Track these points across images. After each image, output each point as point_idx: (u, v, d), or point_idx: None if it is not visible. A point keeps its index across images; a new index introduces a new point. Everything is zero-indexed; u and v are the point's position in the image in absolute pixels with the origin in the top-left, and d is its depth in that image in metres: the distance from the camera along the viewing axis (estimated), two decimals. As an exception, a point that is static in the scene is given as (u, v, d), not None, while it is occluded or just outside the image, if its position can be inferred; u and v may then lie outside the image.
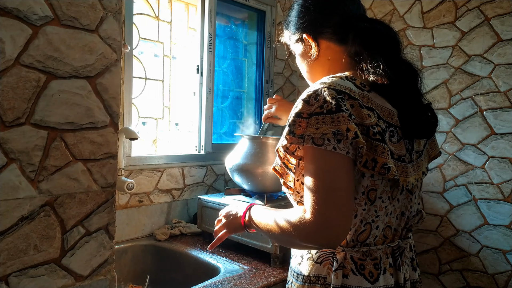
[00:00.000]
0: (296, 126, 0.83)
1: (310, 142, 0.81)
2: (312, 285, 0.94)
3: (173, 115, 1.91)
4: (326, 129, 0.80)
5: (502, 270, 1.73)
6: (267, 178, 1.47)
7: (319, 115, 0.81)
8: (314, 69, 1.03)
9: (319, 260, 0.93)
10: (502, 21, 1.70)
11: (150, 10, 1.78)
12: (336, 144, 0.80)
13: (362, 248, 0.91)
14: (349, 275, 0.90)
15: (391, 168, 0.83)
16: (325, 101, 0.82)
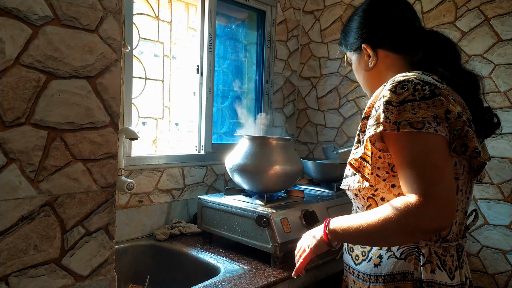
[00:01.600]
0: (389, 113, 0.84)
1: (408, 127, 0.82)
2: (398, 283, 0.92)
3: (173, 115, 1.91)
4: (425, 113, 0.82)
5: (502, 270, 1.73)
6: (267, 178, 1.47)
7: (413, 101, 0.84)
8: (371, 77, 1.08)
9: (403, 256, 0.93)
10: (502, 21, 1.70)
11: (150, 10, 1.78)
12: (437, 127, 0.82)
13: (443, 243, 0.92)
14: (435, 270, 0.90)
15: (481, 153, 0.85)
16: (415, 89, 0.85)
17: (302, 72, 2.45)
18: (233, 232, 1.47)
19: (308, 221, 1.42)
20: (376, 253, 0.97)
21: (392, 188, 0.93)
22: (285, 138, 1.56)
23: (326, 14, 2.32)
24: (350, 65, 1.16)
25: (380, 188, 0.95)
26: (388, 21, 1.04)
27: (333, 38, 2.29)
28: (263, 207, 1.41)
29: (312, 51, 2.39)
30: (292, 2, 2.37)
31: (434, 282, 0.90)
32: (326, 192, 1.77)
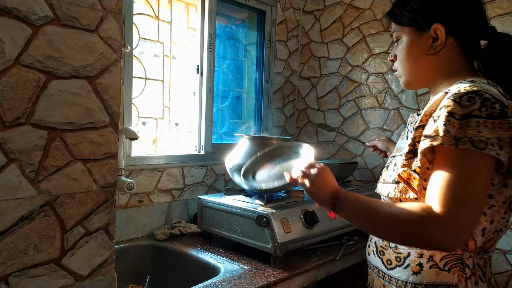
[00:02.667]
0: (450, 126, 0.78)
1: (468, 144, 0.76)
2: None
3: (173, 115, 1.91)
4: (489, 134, 0.76)
5: (502, 270, 1.73)
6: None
7: (479, 118, 0.77)
8: (424, 63, 0.95)
9: (447, 268, 0.90)
10: (502, 21, 1.70)
11: (150, 10, 1.78)
12: (499, 150, 0.77)
13: (484, 255, 0.91)
14: (478, 283, 0.89)
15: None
16: (483, 104, 0.78)
17: (302, 72, 2.45)
18: (233, 232, 1.47)
19: (308, 221, 1.42)
20: (415, 260, 0.93)
21: None
22: (285, 138, 1.56)
23: (326, 14, 2.32)
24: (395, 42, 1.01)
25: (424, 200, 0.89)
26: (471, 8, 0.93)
27: (333, 38, 2.29)
28: (263, 207, 1.41)
29: (312, 51, 2.39)
30: (292, 2, 2.37)
31: None
32: (326, 192, 1.77)
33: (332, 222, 1.54)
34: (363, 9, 2.16)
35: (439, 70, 0.95)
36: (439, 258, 0.91)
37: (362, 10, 2.16)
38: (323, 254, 1.49)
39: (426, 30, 0.93)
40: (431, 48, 0.93)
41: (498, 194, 0.85)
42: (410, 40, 0.95)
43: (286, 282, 1.31)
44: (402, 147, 0.99)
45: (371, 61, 2.14)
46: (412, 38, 0.95)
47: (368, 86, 2.15)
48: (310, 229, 1.43)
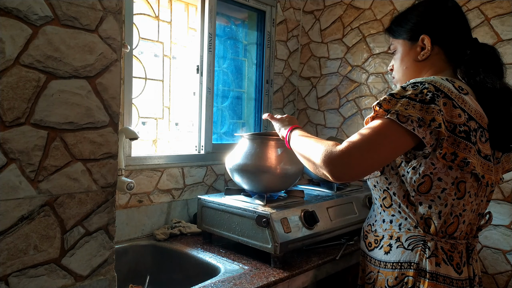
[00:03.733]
0: (386, 102, 0.93)
1: (394, 116, 0.90)
2: (404, 270, 1.02)
3: (173, 115, 1.91)
4: (413, 113, 0.90)
5: (502, 270, 1.73)
6: (267, 178, 1.47)
7: (411, 100, 0.92)
8: (415, 68, 1.11)
9: (410, 247, 1.02)
10: (502, 21, 1.70)
11: (150, 10, 1.78)
12: (416, 127, 0.90)
13: (450, 240, 1.01)
14: (440, 264, 0.99)
15: (470, 163, 0.93)
16: (421, 92, 0.93)
17: (302, 72, 2.45)
18: (233, 232, 1.47)
19: (308, 221, 1.42)
20: (387, 242, 1.07)
21: (402, 184, 1.03)
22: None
23: (326, 14, 2.32)
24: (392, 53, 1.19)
25: (393, 182, 1.05)
26: (454, 22, 1.08)
27: (333, 38, 2.29)
28: (263, 207, 1.41)
29: (312, 51, 2.39)
30: (292, 2, 2.37)
31: (439, 274, 0.98)
32: (326, 192, 1.77)
33: (332, 222, 1.54)
34: (363, 9, 2.16)
35: (425, 73, 1.09)
36: (405, 239, 1.03)
37: (362, 10, 2.16)
38: (323, 254, 1.49)
39: (416, 40, 1.09)
40: (419, 56, 1.09)
41: (446, 176, 0.96)
42: (404, 50, 1.12)
43: (286, 282, 1.31)
44: None
45: (371, 61, 2.14)
46: (405, 49, 1.12)
47: (368, 86, 2.15)
48: (310, 229, 1.43)
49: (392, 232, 1.06)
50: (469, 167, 0.93)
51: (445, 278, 0.98)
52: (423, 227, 1.02)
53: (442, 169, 0.96)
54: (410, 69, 1.12)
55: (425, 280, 0.98)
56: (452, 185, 0.97)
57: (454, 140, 0.93)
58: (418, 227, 1.02)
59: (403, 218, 1.05)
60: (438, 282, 0.98)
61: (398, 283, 1.02)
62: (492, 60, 1.06)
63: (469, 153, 0.94)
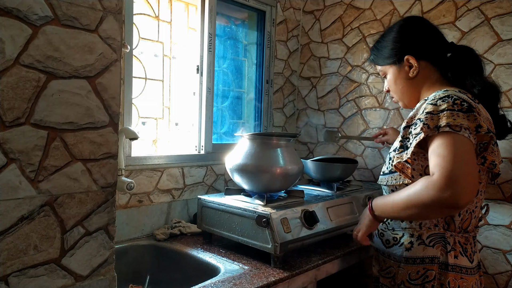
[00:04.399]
0: (428, 120, 1.01)
1: (447, 128, 0.97)
2: (426, 265, 1.12)
3: (173, 115, 1.91)
4: (462, 121, 0.97)
5: (502, 270, 1.73)
6: (267, 178, 1.47)
7: (452, 111, 0.99)
8: (411, 86, 1.21)
9: (431, 244, 1.12)
10: (502, 21, 1.70)
11: (150, 10, 1.78)
12: (469, 135, 0.98)
13: (465, 234, 1.12)
14: (458, 256, 1.10)
15: (496, 165, 1.03)
16: (454, 103, 1.01)
17: (302, 72, 2.45)
18: (233, 232, 1.47)
19: (308, 221, 1.42)
20: (408, 239, 1.16)
21: None
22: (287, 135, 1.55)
23: (326, 14, 2.32)
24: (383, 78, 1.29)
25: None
26: (428, 35, 1.19)
27: (333, 38, 2.29)
28: (263, 207, 1.41)
29: (312, 51, 2.39)
30: (292, 2, 2.37)
31: (457, 266, 1.10)
32: (326, 192, 1.77)
33: (332, 222, 1.54)
34: (363, 9, 2.16)
35: (422, 86, 1.20)
36: (426, 236, 1.13)
37: (362, 10, 2.16)
38: (323, 254, 1.49)
39: (402, 62, 1.20)
40: (410, 74, 1.19)
41: None
42: (393, 73, 1.23)
43: (286, 282, 1.31)
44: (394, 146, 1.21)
45: (371, 61, 2.13)
46: (394, 72, 1.23)
47: (368, 86, 2.15)
48: (310, 229, 1.43)
49: (413, 231, 1.16)
50: (496, 169, 1.04)
51: (462, 268, 1.10)
52: (443, 225, 1.12)
53: None
54: (407, 87, 1.22)
55: (447, 272, 1.09)
56: None
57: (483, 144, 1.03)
58: (438, 225, 1.12)
59: None
60: (459, 273, 1.10)
61: (420, 277, 1.12)
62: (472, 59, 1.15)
63: (495, 156, 1.04)
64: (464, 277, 1.10)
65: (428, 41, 1.19)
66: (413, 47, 1.18)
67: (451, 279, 1.09)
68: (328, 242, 1.58)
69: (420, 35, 1.20)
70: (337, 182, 1.83)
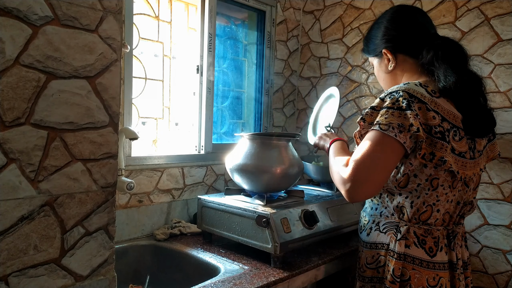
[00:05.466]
0: (368, 116, 1.07)
1: (376, 126, 1.02)
2: (377, 250, 1.18)
3: (173, 115, 1.91)
4: (393, 120, 1.01)
5: (502, 270, 1.73)
6: (267, 178, 1.47)
7: (390, 109, 1.03)
8: (390, 78, 1.25)
9: (384, 230, 1.17)
10: (502, 21, 1.70)
11: (150, 10, 1.78)
12: (398, 133, 1.00)
13: (424, 226, 1.12)
14: (410, 246, 1.11)
15: (446, 161, 1.03)
16: (397, 100, 1.04)
17: (302, 72, 2.45)
18: (233, 232, 1.47)
19: (308, 221, 1.42)
20: (369, 226, 1.23)
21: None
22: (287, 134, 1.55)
23: (326, 14, 2.32)
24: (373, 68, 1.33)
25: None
26: (406, 29, 1.20)
27: (333, 38, 2.29)
28: (263, 207, 1.41)
29: (312, 51, 2.39)
30: (292, 2, 2.37)
31: (407, 255, 1.11)
32: (326, 192, 1.77)
33: (332, 222, 1.54)
34: (363, 9, 2.16)
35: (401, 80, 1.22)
36: (382, 224, 1.18)
37: (362, 10, 2.16)
38: (323, 254, 1.49)
39: (381, 55, 1.24)
40: (389, 67, 1.23)
41: (421, 173, 1.07)
42: (376, 65, 1.29)
43: (286, 282, 1.31)
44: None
45: (371, 61, 2.14)
46: (376, 64, 1.28)
47: (368, 86, 2.15)
48: (310, 229, 1.43)
49: (375, 218, 1.21)
50: (446, 165, 1.03)
51: (414, 259, 1.11)
52: (398, 215, 1.15)
53: (418, 167, 1.07)
54: (386, 79, 1.26)
55: (392, 259, 1.12)
56: (426, 181, 1.08)
57: (431, 141, 1.03)
58: (394, 214, 1.16)
59: (383, 207, 1.19)
60: (406, 261, 1.11)
61: (374, 261, 1.18)
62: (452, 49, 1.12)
63: (445, 152, 1.03)
64: (417, 268, 1.10)
65: (406, 34, 1.19)
66: (390, 41, 1.20)
67: (396, 267, 1.10)
68: (328, 242, 1.58)
69: (398, 28, 1.20)
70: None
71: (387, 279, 1.12)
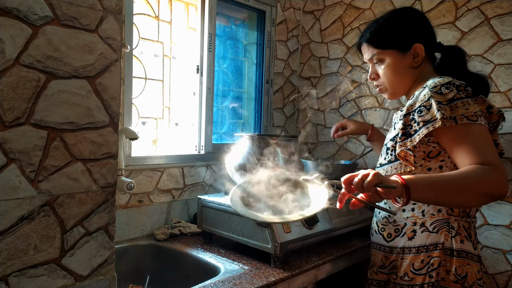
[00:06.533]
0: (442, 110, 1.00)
1: (465, 119, 0.98)
2: (428, 253, 1.09)
3: (173, 115, 1.91)
4: (474, 109, 1.00)
5: (502, 270, 1.73)
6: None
7: (461, 99, 1.01)
8: (409, 75, 1.19)
9: (435, 230, 1.09)
10: (502, 21, 1.70)
11: (150, 10, 1.78)
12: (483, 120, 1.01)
13: (468, 219, 1.10)
14: (464, 241, 1.08)
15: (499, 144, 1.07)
16: (459, 89, 1.02)
17: (302, 72, 2.45)
18: (233, 232, 1.47)
19: (308, 221, 1.42)
20: (410, 228, 1.13)
21: (428, 171, 1.10)
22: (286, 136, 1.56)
23: (326, 14, 2.32)
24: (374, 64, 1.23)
25: (417, 173, 1.10)
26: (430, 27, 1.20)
27: (333, 38, 2.29)
28: (263, 207, 1.41)
29: (312, 51, 2.39)
30: (292, 2, 2.37)
31: (463, 251, 1.07)
32: (326, 192, 1.77)
33: (332, 222, 1.54)
34: (363, 9, 2.16)
35: (417, 77, 1.19)
36: (430, 223, 1.10)
37: (362, 10, 2.16)
38: (323, 254, 1.49)
39: (408, 50, 1.16)
40: (413, 63, 1.17)
41: None
42: (395, 60, 1.17)
43: (286, 282, 1.31)
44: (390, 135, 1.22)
45: (371, 61, 2.13)
46: (396, 58, 1.17)
47: (368, 86, 2.15)
48: (310, 229, 1.43)
49: (416, 219, 1.13)
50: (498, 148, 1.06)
51: (468, 254, 1.08)
52: (447, 210, 1.09)
53: None
54: (404, 76, 1.18)
55: (452, 258, 1.06)
56: None
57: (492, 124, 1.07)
58: (442, 210, 1.10)
59: (425, 205, 1.11)
60: (465, 258, 1.06)
61: (424, 266, 1.09)
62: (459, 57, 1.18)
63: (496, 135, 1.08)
64: (470, 263, 1.07)
65: (431, 33, 1.20)
66: (423, 37, 1.17)
67: (457, 265, 1.05)
68: (328, 242, 1.58)
69: (426, 25, 1.19)
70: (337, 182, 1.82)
71: (446, 280, 1.06)
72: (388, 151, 1.20)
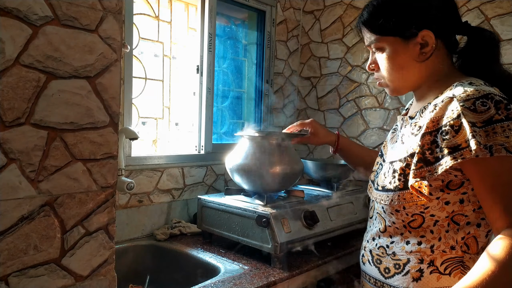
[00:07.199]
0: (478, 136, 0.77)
1: (503, 151, 0.76)
2: None
3: (173, 115, 1.91)
4: None
5: (502, 270, 1.72)
6: (267, 178, 1.47)
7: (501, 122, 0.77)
8: (415, 69, 0.94)
9: (448, 271, 0.89)
10: (502, 21, 1.70)
11: (150, 10, 1.78)
12: None
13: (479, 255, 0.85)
14: None
15: None
16: (498, 107, 0.78)
17: (302, 72, 2.45)
18: (233, 232, 1.47)
19: (308, 221, 1.42)
20: (416, 266, 0.92)
21: (445, 205, 0.90)
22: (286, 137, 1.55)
23: (326, 14, 2.32)
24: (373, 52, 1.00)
25: (432, 206, 0.90)
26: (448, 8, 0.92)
27: (333, 38, 2.29)
28: (263, 207, 1.41)
29: (312, 51, 2.39)
30: (292, 2, 2.37)
31: None
32: (326, 192, 1.77)
33: (332, 222, 1.54)
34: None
35: (430, 73, 0.94)
36: (440, 262, 0.90)
37: (362, 10, 2.16)
38: (323, 254, 1.49)
39: (413, 37, 0.91)
40: (421, 55, 0.92)
41: None
42: (396, 49, 0.93)
43: (286, 282, 1.31)
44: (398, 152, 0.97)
45: (371, 61, 2.13)
46: (397, 47, 0.93)
47: (368, 86, 2.15)
48: (310, 229, 1.43)
49: (422, 255, 0.92)
50: None
51: None
52: (461, 246, 0.90)
53: None
54: (409, 71, 0.94)
55: None
56: None
57: None
58: (456, 247, 0.90)
59: (436, 239, 0.91)
60: None
61: None
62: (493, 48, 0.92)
63: None
64: None
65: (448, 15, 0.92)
66: (434, 21, 0.90)
67: None
68: (328, 242, 1.58)
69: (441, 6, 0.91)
70: (337, 182, 1.83)
71: None
72: (395, 174, 0.94)
